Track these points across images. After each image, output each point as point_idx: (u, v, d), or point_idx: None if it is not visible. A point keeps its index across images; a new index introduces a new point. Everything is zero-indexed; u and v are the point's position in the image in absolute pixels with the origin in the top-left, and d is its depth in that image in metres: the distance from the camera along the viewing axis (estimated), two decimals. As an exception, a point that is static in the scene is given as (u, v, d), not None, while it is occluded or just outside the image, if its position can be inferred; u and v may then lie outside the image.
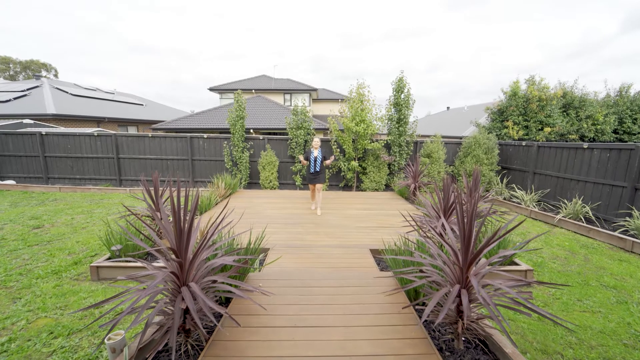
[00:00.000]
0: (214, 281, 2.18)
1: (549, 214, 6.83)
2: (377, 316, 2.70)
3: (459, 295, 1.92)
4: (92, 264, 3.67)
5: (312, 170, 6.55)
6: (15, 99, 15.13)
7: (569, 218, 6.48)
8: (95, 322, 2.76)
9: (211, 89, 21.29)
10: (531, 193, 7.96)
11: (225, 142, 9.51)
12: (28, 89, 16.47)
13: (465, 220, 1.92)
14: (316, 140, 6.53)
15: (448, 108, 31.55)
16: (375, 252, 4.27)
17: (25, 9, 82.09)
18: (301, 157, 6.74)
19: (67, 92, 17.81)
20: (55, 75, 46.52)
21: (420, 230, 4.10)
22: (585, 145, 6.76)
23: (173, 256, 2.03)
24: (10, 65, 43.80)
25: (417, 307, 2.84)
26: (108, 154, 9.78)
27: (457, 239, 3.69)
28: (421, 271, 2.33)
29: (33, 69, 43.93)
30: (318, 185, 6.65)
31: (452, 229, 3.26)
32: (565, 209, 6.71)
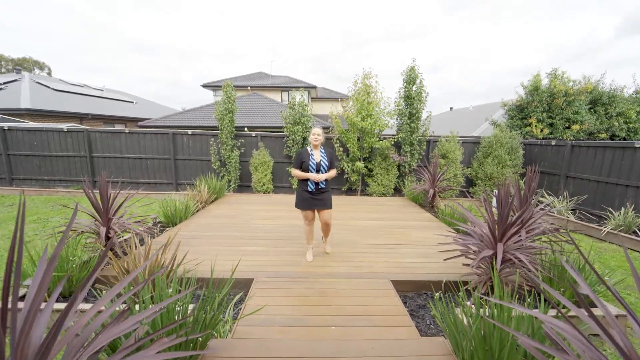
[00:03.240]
0: None
1: (591, 225, 5.74)
2: None
3: None
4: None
5: (310, 188, 3.47)
6: (-12, 92, 13.92)
7: (619, 231, 5.38)
8: None
9: (204, 86, 20.13)
10: (564, 200, 6.86)
11: (212, 139, 8.34)
12: (4, 83, 15.25)
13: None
14: (317, 132, 3.47)
15: (451, 108, 30.51)
16: (398, 285, 3.12)
17: (29, 8, 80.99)
18: (297, 172, 3.49)
19: (48, 87, 16.59)
20: (49, 74, 45.09)
21: (466, 258, 2.98)
22: (638, 144, 5.67)
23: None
24: (2, 63, 42.49)
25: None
26: (80, 152, 8.60)
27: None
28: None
29: (25, 67, 42.41)
30: (323, 214, 3.63)
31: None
32: (613, 219, 5.61)
